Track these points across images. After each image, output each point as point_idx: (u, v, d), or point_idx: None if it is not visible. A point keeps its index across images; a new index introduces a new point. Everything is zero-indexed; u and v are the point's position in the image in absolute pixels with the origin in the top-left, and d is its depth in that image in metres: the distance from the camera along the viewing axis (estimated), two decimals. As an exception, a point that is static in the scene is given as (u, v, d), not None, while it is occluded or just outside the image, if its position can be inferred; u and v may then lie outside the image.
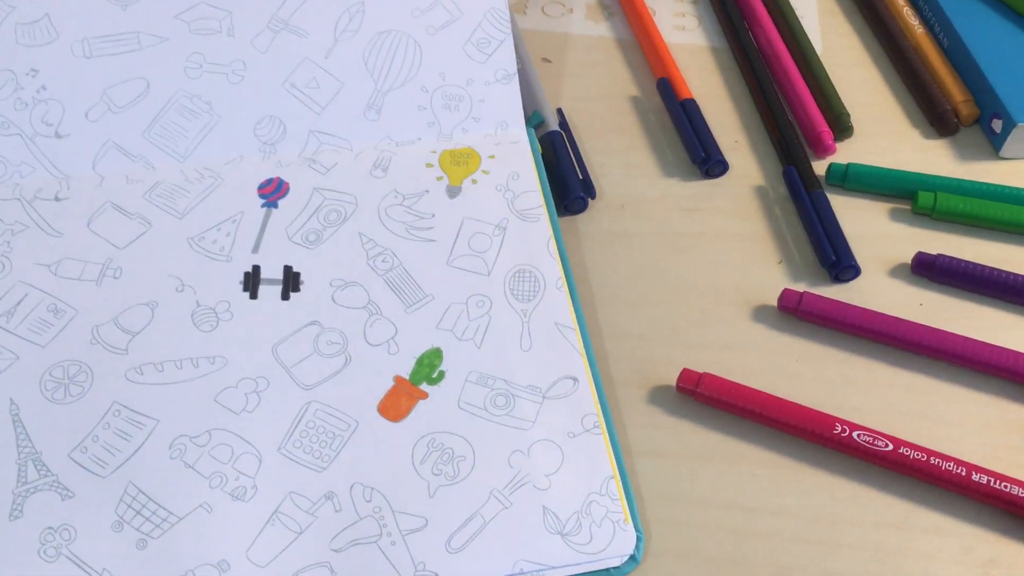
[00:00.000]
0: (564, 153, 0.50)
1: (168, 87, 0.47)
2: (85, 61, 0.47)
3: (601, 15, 0.61)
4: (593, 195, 0.50)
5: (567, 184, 0.49)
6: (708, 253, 0.48)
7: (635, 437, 0.42)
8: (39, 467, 0.38)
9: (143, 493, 0.38)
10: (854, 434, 0.40)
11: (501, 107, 0.49)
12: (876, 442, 0.40)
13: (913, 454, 0.39)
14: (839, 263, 0.46)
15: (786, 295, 0.45)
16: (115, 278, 0.43)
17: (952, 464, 0.39)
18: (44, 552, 0.36)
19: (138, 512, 0.37)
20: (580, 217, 0.50)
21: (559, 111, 0.54)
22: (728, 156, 0.52)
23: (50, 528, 0.37)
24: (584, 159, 0.52)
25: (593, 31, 0.60)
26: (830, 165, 0.51)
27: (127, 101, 0.47)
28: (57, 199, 0.45)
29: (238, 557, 0.36)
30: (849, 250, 0.47)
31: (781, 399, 0.41)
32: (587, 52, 0.59)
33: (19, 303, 0.42)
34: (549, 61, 0.58)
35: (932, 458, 0.39)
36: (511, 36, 0.50)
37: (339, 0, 0.49)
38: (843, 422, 0.40)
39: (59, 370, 0.40)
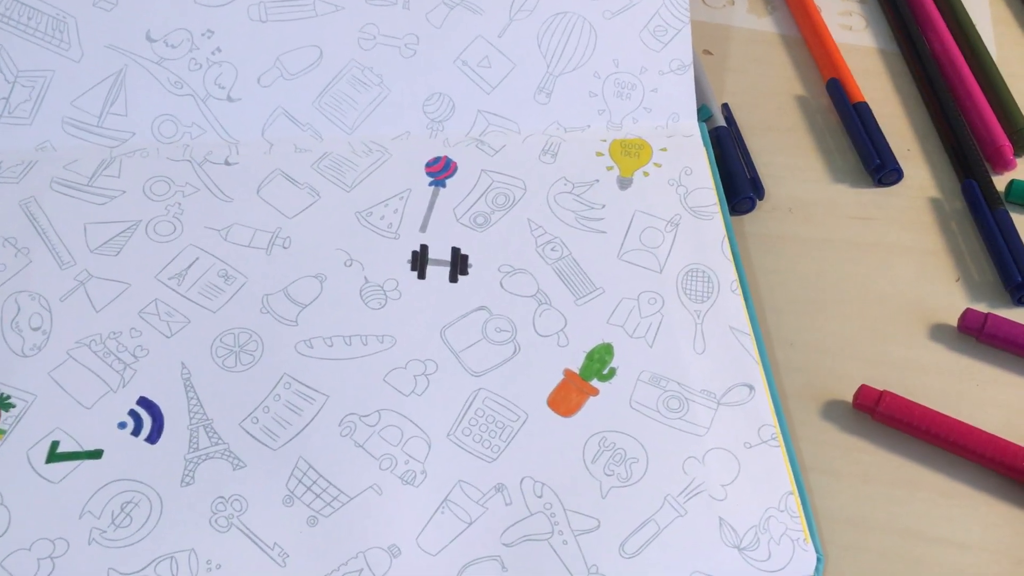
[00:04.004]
0: (731, 150, 0.49)
1: (341, 57, 0.47)
2: (260, 25, 0.46)
3: (764, 9, 0.59)
4: (761, 195, 0.48)
5: (735, 183, 0.47)
6: (881, 265, 0.46)
7: (808, 453, 0.40)
8: (211, 434, 0.38)
9: (313, 469, 0.37)
10: (1046, 468, 0.38)
11: (674, 99, 0.48)
12: (1071, 479, 0.38)
13: (1112, 495, 0.37)
14: (1025, 286, 0.44)
15: (969, 316, 0.43)
16: (284, 247, 0.43)
17: None
18: (216, 522, 0.36)
19: (309, 488, 0.37)
20: (746, 218, 0.48)
21: (725, 106, 0.52)
22: (901, 165, 0.49)
23: (221, 498, 0.36)
24: (750, 157, 0.50)
25: (756, 25, 0.58)
26: (1012, 182, 0.48)
27: (300, 68, 0.46)
28: (227, 163, 0.45)
29: (408, 543, 0.36)
30: (1036, 273, 0.44)
31: (968, 425, 0.39)
32: (749, 47, 0.57)
33: (190, 266, 0.42)
34: (710, 53, 0.56)
35: None
36: (688, 25, 0.48)
37: (516, -22, 0.48)
38: (1034, 455, 0.38)
39: (230, 337, 0.40)
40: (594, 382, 0.40)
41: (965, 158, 0.49)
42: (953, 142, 0.51)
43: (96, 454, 0.37)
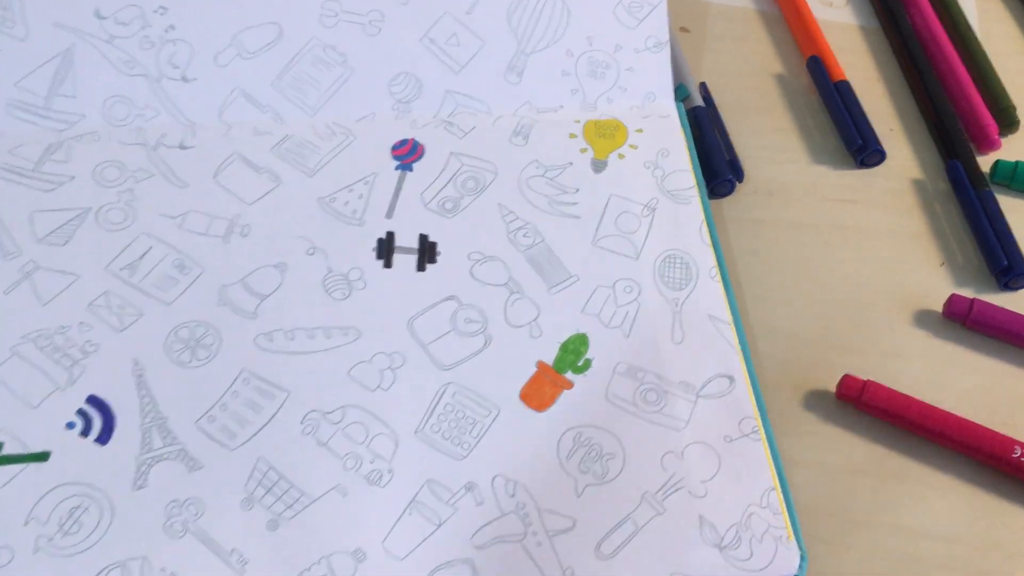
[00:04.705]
0: (710, 131, 0.47)
1: (302, 35, 0.44)
2: (217, 1, 0.44)
3: (742, -16, 0.57)
4: (741, 178, 0.47)
5: (714, 165, 0.46)
6: (864, 249, 0.45)
7: (790, 445, 0.39)
8: (164, 434, 0.36)
9: (274, 470, 0.35)
10: (1034, 459, 0.37)
11: (650, 77, 0.46)
12: (1061, 471, 0.37)
13: (1102, 487, 0.36)
14: (1011, 270, 0.43)
15: (954, 301, 0.42)
16: (243, 235, 0.41)
17: None
18: (170, 526, 0.34)
19: (269, 490, 0.35)
20: (725, 201, 0.46)
21: (703, 85, 0.50)
22: (883, 145, 0.48)
23: (176, 501, 0.34)
24: (729, 139, 0.48)
25: (734, 1, 0.56)
26: (997, 162, 0.47)
27: (258, 47, 0.44)
28: (182, 147, 0.43)
29: (374, 547, 0.34)
30: (1022, 256, 0.43)
31: (954, 415, 0.38)
32: (727, 23, 0.55)
33: (143, 256, 0.40)
34: (687, 31, 0.54)
35: None
36: (665, 2, 0.46)
37: (486, -48, 0.45)
38: (1023, 445, 0.37)
39: (185, 331, 0.38)
40: (568, 375, 0.38)
41: (949, 138, 0.48)
42: (936, 121, 0.49)
43: (42, 456, 0.35)
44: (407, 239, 0.41)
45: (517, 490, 0.35)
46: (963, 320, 0.42)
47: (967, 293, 0.43)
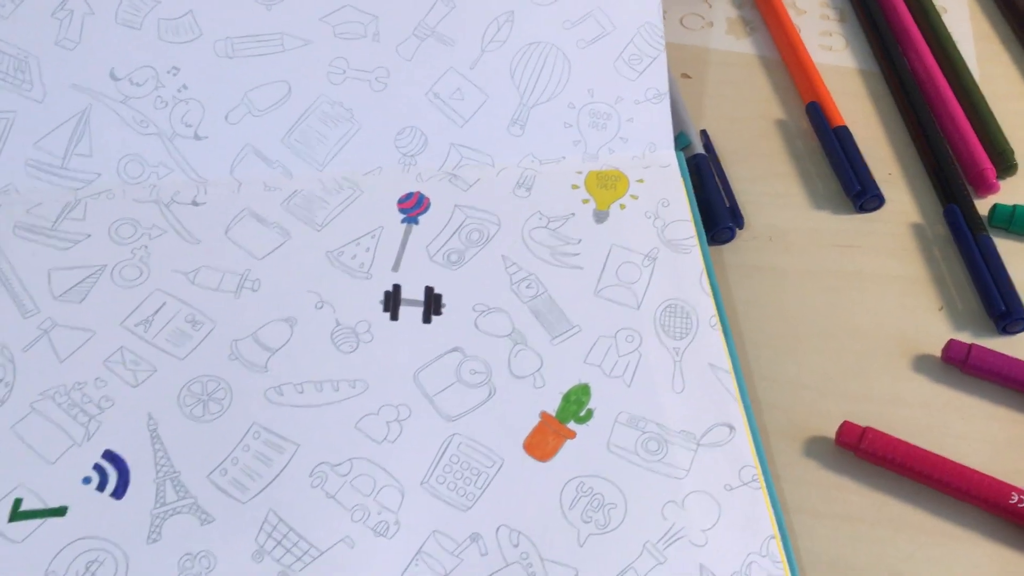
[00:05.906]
0: (710, 178, 0.48)
1: (310, 92, 0.46)
2: (227, 61, 0.45)
3: (743, 30, 0.58)
4: (741, 225, 0.47)
5: (714, 212, 0.47)
6: (864, 294, 0.45)
7: (790, 493, 0.39)
8: (178, 488, 0.37)
9: (284, 522, 0.36)
10: (1032, 506, 0.37)
11: (650, 128, 0.47)
12: (1058, 517, 0.37)
13: (1100, 534, 0.37)
14: (1009, 315, 0.43)
15: (952, 347, 0.42)
16: (253, 290, 0.42)
17: None
18: (183, 580, 0.35)
19: (279, 542, 0.36)
20: (725, 248, 0.47)
21: (703, 133, 0.51)
22: (882, 189, 0.49)
23: (189, 554, 0.35)
24: (729, 185, 0.49)
25: (735, 47, 0.57)
26: (995, 206, 0.48)
27: (268, 104, 0.45)
28: (195, 203, 0.44)
29: (381, 598, 0.35)
30: (1020, 301, 0.44)
31: (953, 461, 0.39)
32: (728, 69, 0.56)
33: (157, 312, 0.41)
34: (689, 77, 0.55)
35: (1124, 541, 0.36)
36: (664, 53, 0.47)
37: (488, 8, 0.47)
38: (1020, 491, 0.38)
39: (197, 385, 0.39)
40: (571, 424, 0.39)
41: (947, 182, 0.49)
42: (935, 165, 0.50)
43: (60, 511, 0.36)
44: (413, 291, 0.42)
45: (520, 540, 0.36)
46: (961, 365, 0.42)
47: (966, 337, 0.44)
